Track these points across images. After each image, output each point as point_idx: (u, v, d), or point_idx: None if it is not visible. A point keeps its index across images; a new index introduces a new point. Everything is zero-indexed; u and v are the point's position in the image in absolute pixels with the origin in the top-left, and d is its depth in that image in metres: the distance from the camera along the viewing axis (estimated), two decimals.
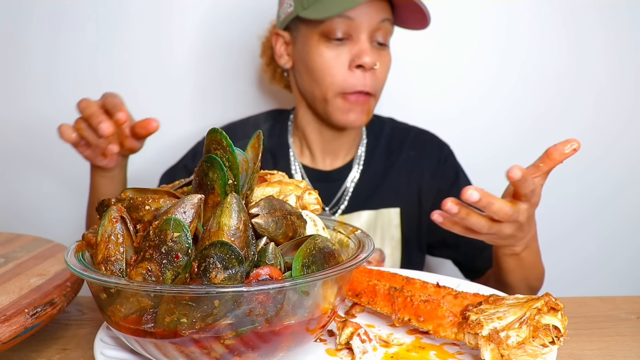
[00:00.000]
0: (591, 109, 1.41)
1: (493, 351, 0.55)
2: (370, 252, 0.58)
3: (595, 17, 1.37)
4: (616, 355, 0.63)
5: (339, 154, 1.14)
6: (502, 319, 0.56)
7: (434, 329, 0.61)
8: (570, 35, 1.37)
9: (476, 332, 0.56)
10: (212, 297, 0.46)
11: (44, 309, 0.61)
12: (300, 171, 1.13)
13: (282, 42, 1.09)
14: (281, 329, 0.50)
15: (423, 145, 1.17)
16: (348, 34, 0.99)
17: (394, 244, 1.11)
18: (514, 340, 0.54)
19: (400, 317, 0.64)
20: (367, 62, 0.97)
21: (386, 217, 1.12)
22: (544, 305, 0.56)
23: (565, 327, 0.56)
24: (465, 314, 0.59)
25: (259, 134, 0.59)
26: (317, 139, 1.12)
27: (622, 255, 1.48)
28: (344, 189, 1.12)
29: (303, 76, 1.06)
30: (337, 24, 0.97)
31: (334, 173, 1.13)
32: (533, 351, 0.55)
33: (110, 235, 0.52)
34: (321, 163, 1.14)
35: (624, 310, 0.77)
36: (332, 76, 1.00)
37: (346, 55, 0.99)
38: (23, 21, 1.32)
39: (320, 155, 1.14)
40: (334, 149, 1.13)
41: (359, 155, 1.14)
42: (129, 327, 0.50)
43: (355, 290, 0.69)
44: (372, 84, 1.01)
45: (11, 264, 0.74)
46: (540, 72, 1.39)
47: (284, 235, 0.55)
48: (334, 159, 1.14)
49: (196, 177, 0.56)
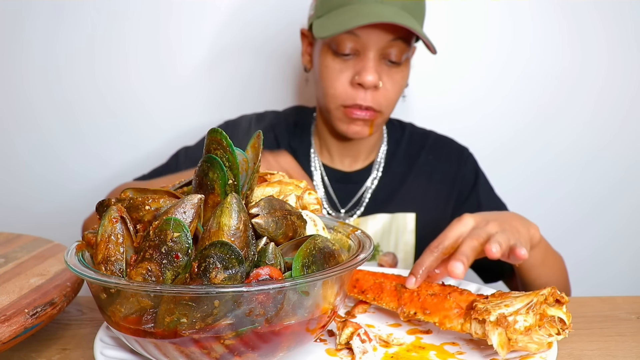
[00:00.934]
0: (592, 109, 1.41)
1: (500, 335, 0.55)
2: (371, 252, 0.58)
3: (597, 15, 1.37)
4: (616, 355, 0.63)
5: (358, 157, 1.14)
6: (510, 306, 0.56)
7: (440, 321, 0.61)
8: (572, 33, 1.37)
9: (484, 319, 0.56)
10: (212, 297, 0.46)
11: (44, 309, 0.61)
12: (320, 169, 1.13)
13: (307, 43, 1.09)
14: (281, 329, 0.50)
15: (441, 150, 1.16)
16: (355, 50, 0.97)
17: (407, 249, 1.10)
18: (522, 325, 0.55)
19: (406, 311, 0.64)
20: (367, 82, 0.96)
21: (401, 222, 1.11)
22: (550, 294, 0.57)
23: (570, 320, 0.57)
24: (473, 304, 0.59)
25: (259, 133, 0.59)
26: (334, 141, 1.12)
27: (622, 256, 1.48)
28: (363, 191, 1.12)
29: (315, 82, 1.07)
30: (343, 39, 0.96)
31: (354, 175, 1.13)
32: (539, 339, 0.55)
33: (110, 235, 0.52)
34: (339, 164, 1.14)
35: (624, 310, 0.77)
36: (335, 89, 0.99)
37: (350, 71, 0.98)
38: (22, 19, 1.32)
39: (338, 157, 1.14)
40: (352, 152, 1.13)
41: (379, 160, 1.14)
42: (129, 327, 0.50)
43: (361, 287, 0.70)
44: (373, 101, 0.99)
45: (11, 264, 0.74)
46: (541, 72, 1.39)
47: (284, 235, 0.55)
48: (354, 161, 1.14)
49: (196, 177, 0.56)
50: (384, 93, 0.99)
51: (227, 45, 1.36)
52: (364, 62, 0.97)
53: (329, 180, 1.12)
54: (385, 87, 0.99)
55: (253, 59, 1.36)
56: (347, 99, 0.99)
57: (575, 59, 1.38)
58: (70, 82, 1.34)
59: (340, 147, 1.12)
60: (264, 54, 1.36)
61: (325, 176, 1.12)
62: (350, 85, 0.99)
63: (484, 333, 0.56)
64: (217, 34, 1.35)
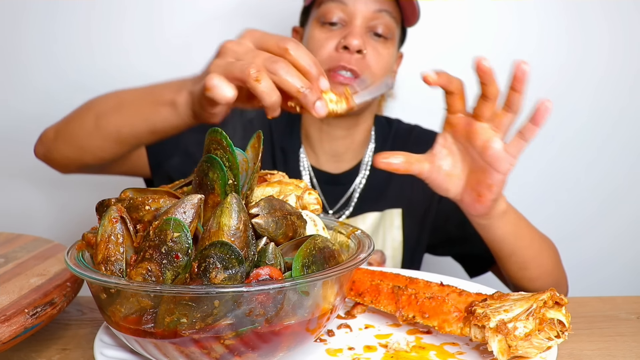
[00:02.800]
0: (591, 108, 1.41)
1: (500, 342, 0.55)
2: (370, 252, 0.58)
3: (597, 14, 1.37)
4: (616, 355, 0.63)
5: (344, 157, 1.12)
6: (509, 311, 0.56)
7: (439, 325, 0.61)
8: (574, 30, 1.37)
9: (483, 325, 0.56)
10: (212, 297, 0.46)
11: (44, 309, 0.61)
12: (308, 171, 1.12)
13: (298, 39, 1.09)
14: (281, 329, 0.50)
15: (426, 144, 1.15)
16: (343, 20, 1.00)
17: (395, 245, 1.11)
18: (522, 332, 0.55)
19: (404, 314, 0.64)
20: (352, 44, 0.96)
21: (388, 219, 1.11)
22: (550, 298, 0.57)
23: (569, 322, 0.57)
24: (471, 308, 0.59)
25: (259, 133, 0.59)
26: (321, 142, 1.11)
27: (622, 256, 1.48)
28: (351, 192, 1.11)
29: None
30: (331, 7, 0.99)
31: (342, 176, 1.12)
32: (539, 344, 0.55)
33: (110, 235, 0.52)
34: (326, 165, 1.12)
35: (624, 310, 0.77)
36: (320, 55, 0.99)
37: (336, 39, 1.00)
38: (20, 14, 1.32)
39: (324, 157, 1.12)
40: (338, 151, 1.11)
41: (367, 159, 1.13)
42: (129, 327, 0.50)
43: (358, 290, 0.70)
44: (357, 65, 0.98)
45: (11, 264, 0.73)
46: (540, 71, 1.39)
47: (284, 235, 0.55)
48: (340, 162, 1.12)
49: (196, 177, 0.56)
50: (369, 61, 1.00)
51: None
52: (350, 28, 0.99)
53: (317, 183, 1.11)
54: (369, 57, 1.00)
55: None
56: (332, 62, 0.98)
57: (576, 56, 1.38)
58: (66, 78, 1.34)
59: (327, 147, 1.11)
60: None
61: (314, 178, 1.11)
62: (335, 51, 0.99)
63: (484, 338, 0.56)
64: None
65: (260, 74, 0.61)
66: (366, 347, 0.62)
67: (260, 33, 0.67)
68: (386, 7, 1.00)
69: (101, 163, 0.89)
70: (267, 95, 0.62)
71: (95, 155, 0.87)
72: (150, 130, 0.78)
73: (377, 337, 0.65)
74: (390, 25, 1.01)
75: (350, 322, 0.69)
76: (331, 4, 0.98)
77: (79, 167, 0.93)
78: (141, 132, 0.80)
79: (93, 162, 0.89)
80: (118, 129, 0.82)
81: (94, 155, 0.87)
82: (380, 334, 0.66)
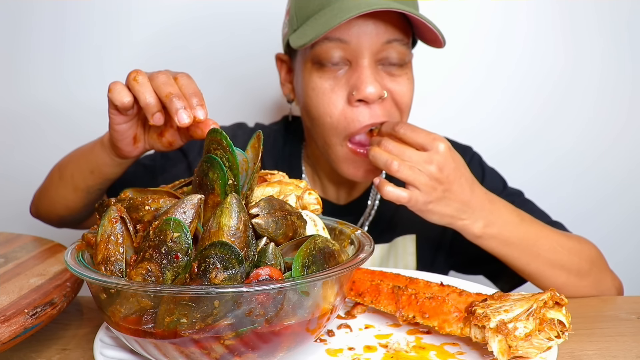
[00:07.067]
0: (589, 110, 1.41)
1: (501, 342, 0.55)
2: (370, 252, 0.58)
3: (593, 18, 1.37)
4: (616, 355, 0.63)
5: (355, 186, 0.99)
6: (509, 311, 0.56)
7: (439, 325, 0.61)
8: (567, 35, 1.37)
9: (483, 325, 0.56)
10: (212, 297, 0.46)
11: (43, 309, 0.61)
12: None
13: (286, 69, 0.93)
14: (281, 329, 0.50)
15: None
16: (345, 60, 0.81)
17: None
18: (522, 332, 0.55)
19: (404, 314, 0.64)
20: (369, 95, 0.78)
21: (400, 246, 1.00)
22: (550, 298, 0.57)
23: (569, 322, 0.57)
24: (471, 309, 0.59)
25: (259, 133, 0.59)
26: (330, 174, 0.97)
27: (622, 256, 1.48)
28: (360, 224, 1.00)
29: (302, 114, 0.90)
30: (328, 48, 0.79)
31: (350, 206, 1.00)
32: (539, 344, 0.55)
33: (110, 235, 0.52)
34: (334, 196, 1.00)
35: (624, 310, 0.77)
36: (330, 115, 0.82)
37: (344, 88, 0.81)
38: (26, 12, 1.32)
39: (333, 188, 0.99)
40: (350, 183, 0.97)
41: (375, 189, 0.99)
42: (129, 328, 0.50)
43: (358, 290, 0.70)
44: (383, 112, 0.82)
45: (11, 264, 0.74)
46: (537, 74, 1.39)
47: (284, 235, 0.55)
48: (350, 192, 1.00)
49: (196, 177, 0.56)
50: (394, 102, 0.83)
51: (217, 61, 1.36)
52: (359, 72, 0.79)
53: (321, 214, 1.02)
54: (393, 97, 0.83)
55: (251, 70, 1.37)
56: (350, 124, 0.81)
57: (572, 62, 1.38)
58: (65, 85, 1.34)
59: (336, 178, 0.97)
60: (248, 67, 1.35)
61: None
62: (348, 106, 0.81)
63: (484, 338, 0.56)
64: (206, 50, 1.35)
65: (140, 76, 0.67)
66: (366, 347, 0.62)
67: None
68: (396, 36, 0.81)
69: (72, 214, 0.92)
70: (142, 94, 0.66)
71: (63, 205, 0.91)
72: (90, 169, 0.83)
73: (377, 337, 0.65)
74: (403, 52, 0.83)
75: (350, 322, 0.69)
76: (328, 44, 0.79)
77: (58, 220, 0.97)
78: (84, 173, 0.84)
79: (65, 212, 0.92)
80: (72, 174, 0.87)
81: (63, 206, 0.91)
82: (381, 334, 0.66)
